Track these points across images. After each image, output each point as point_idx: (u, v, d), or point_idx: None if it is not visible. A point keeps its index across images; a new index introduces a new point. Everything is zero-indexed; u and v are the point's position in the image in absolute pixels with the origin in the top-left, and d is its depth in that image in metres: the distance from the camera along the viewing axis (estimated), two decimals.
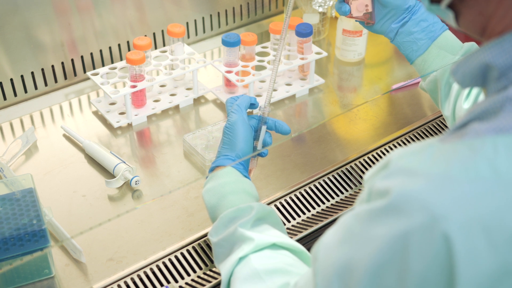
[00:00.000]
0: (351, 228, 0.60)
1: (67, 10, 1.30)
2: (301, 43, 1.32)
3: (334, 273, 0.60)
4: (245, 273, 0.80)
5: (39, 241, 0.90)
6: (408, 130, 1.25)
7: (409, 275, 0.54)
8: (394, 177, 0.57)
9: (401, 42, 1.08)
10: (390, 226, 0.55)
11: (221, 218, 0.87)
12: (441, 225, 0.52)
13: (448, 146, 0.56)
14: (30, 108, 1.31)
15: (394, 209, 0.55)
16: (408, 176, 0.55)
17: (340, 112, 1.33)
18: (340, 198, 1.11)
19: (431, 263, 0.53)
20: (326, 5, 1.46)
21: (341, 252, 0.60)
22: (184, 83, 1.36)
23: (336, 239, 0.62)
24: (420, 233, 0.53)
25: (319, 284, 0.62)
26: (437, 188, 0.53)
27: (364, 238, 0.58)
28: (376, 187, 0.58)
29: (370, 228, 0.57)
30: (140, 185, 1.11)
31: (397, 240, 0.54)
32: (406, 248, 0.54)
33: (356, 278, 0.58)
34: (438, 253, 0.52)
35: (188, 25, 1.49)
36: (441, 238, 0.52)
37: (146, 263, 0.97)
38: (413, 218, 0.53)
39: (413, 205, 0.54)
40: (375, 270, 0.56)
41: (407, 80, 1.40)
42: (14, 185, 0.99)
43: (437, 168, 0.55)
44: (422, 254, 0.53)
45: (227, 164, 0.93)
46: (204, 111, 1.31)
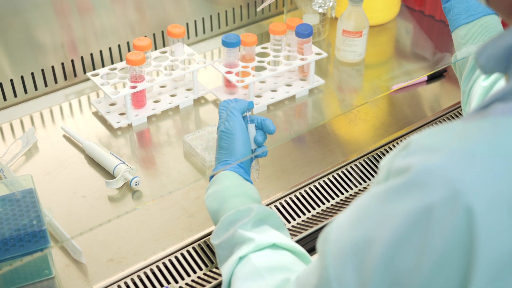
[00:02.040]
0: (368, 207, 0.59)
1: (67, 10, 1.30)
2: (301, 43, 1.32)
3: (348, 252, 0.59)
4: (245, 272, 0.79)
5: (39, 242, 0.90)
6: (408, 131, 1.25)
7: (428, 251, 0.53)
8: (415, 155, 0.56)
9: (453, 6, 1.07)
10: (411, 201, 0.54)
11: (221, 222, 0.87)
12: (464, 198, 0.51)
13: (471, 124, 0.56)
14: (30, 108, 1.31)
15: (415, 184, 0.54)
16: (430, 153, 0.54)
17: (340, 113, 1.33)
18: (340, 199, 1.11)
19: (451, 238, 0.52)
20: (326, 6, 1.46)
21: (357, 230, 0.59)
22: (184, 83, 1.36)
23: (350, 219, 0.61)
24: (442, 207, 0.52)
25: (331, 264, 0.61)
26: (460, 162, 0.53)
27: (382, 215, 0.57)
28: (396, 166, 0.57)
29: (389, 205, 0.56)
30: (140, 186, 1.11)
31: (419, 215, 0.54)
32: (428, 222, 0.53)
33: (372, 256, 0.57)
34: (459, 227, 0.52)
35: (188, 26, 1.49)
36: (464, 212, 0.51)
37: (146, 263, 0.97)
38: (436, 192, 0.53)
39: (436, 179, 0.53)
40: (393, 247, 0.55)
41: (407, 80, 1.40)
42: (14, 186, 0.99)
43: (461, 144, 0.54)
44: (443, 228, 0.52)
45: (229, 168, 0.93)
46: (204, 112, 1.31)
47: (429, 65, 1.47)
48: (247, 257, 0.81)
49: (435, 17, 1.61)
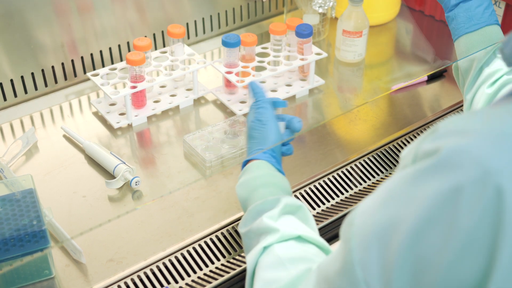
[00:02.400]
0: (394, 189, 0.59)
1: (67, 11, 1.30)
2: (301, 43, 1.32)
3: (373, 235, 0.59)
4: (268, 262, 0.80)
5: (39, 242, 0.90)
6: (408, 131, 1.25)
7: (455, 232, 0.53)
8: (444, 137, 0.56)
9: (457, 15, 1.09)
10: (440, 182, 0.54)
11: (249, 211, 0.87)
12: (494, 178, 0.51)
13: (500, 108, 0.56)
14: (30, 108, 1.31)
15: (444, 165, 0.54)
16: (460, 135, 0.55)
17: (340, 113, 1.33)
18: (341, 199, 1.11)
19: (480, 218, 0.52)
20: (326, 6, 1.46)
21: (382, 213, 0.59)
22: (184, 83, 1.36)
23: (376, 203, 0.61)
24: (472, 187, 0.52)
25: (355, 248, 0.61)
26: (490, 143, 0.53)
27: (410, 197, 0.57)
28: (424, 149, 0.57)
29: (416, 186, 0.56)
30: (140, 186, 1.11)
31: (448, 195, 0.54)
32: (457, 203, 0.53)
33: (398, 238, 0.57)
34: (488, 207, 0.52)
35: (188, 26, 1.49)
36: (494, 192, 0.51)
37: (146, 263, 0.97)
38: (466, 173, 0.53)
39: (466, 160, 0.53)
40: (420, 228, 0.55)
41: (407, 80, 1.40)
42: (14, 186, 0.99)
43: (490, 126, 0.54)
44: (472, 209, 0.52)
45: (261, 157, 0.93)
46: (204, 112, 1.31)
47: (429, 65, 1.47)
48: (271, 247, 0.81)
49: (435, 17, 1.61)
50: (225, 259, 0.99)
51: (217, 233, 1.02)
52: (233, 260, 0.99)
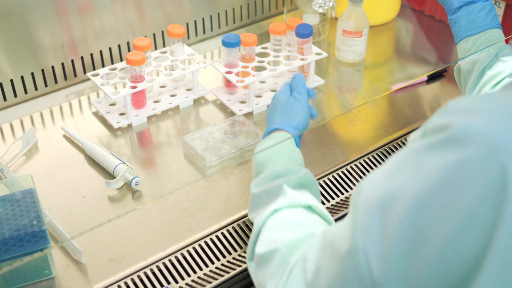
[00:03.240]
0: (401, 161, 0.61)
1: (67, 11, 1.30)
2: (301, 43, 1.32)
3: (376, 204, 0.61)
4: (275, 223, 0.82)
5: (39, 242, 0.90)
6: (408, 131, 1.25)
7: (457, 206, 0.55)
8: (455, 114, 0.58)
9: (460, 18, 1.10)
10: (447, 156, 0.56)
11: (268, 172, 0.90)
12: (500, 156, 0.53)
13: (510, 91, 0.58)
14: (30, 109, 1.31)
15: (453, 140, 0.56)
16: (470, 113, 0.56)
17: (340, 113, 1.33)
18: (340, 199, 1.11)
19: (484, 193, 0.53)
20: (326, 6, 1.46)
21: (388, 183, 0.61)
22: (184, 83, 1.36)
23: (383, 173, 0.62)
24: (478, 163, 0.54)
25: (359, 217, 0.62)
26: (500, 122, 0.54)
27: (415, 169, 0.58)
28: (433, 125, 0.59)
29: (424, 159, 0.58)
30: (140, 186, 1.11)
31: (453, 170, 0.55)
32: (461, 177, 0.55)
33: (400, 208, 0.58)
34: (492, 183, 0.53)
35: (188, 26, 1.49)
36: (498, 169, 0.53)
37: (146, 263, 0.97)
38: (473, 149, 0.54)
39: (474, 136, 0.54)
40: (423, 199, 0.57)
41: (407, 80, 1.40)
42: (14, 186, 0.99)
43: (500, 106, 0.56)
44: (476, 185, 0.54)
45: (290, 131, 0.98)
46: (204, 112, 1.31)
47: (429, 65, 1.47)
48: (281, 210, 0.84)
49: (435, 17, 1.61)
50: (225, 259, 0.99)
51: (217, 233, 1.02)
52: (233, 260, 0.99)
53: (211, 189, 1.11)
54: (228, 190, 1.10)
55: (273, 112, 1.02)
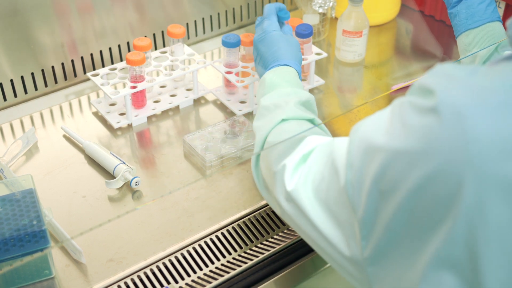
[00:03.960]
0: (393, 113, 0.68)
1: (67, 11, 1.30)
2: (301, 43, 1.32)
3: (365, 147, 0.69)
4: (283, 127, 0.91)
5: (39, 242, 0.90)
6: None
7: (426, 164, 0.60)
8: (437, 77, 0.63)
9: (459, 11, 1.11)
10: (428, 122, 0.61)
11: (280, 90, 1.00)
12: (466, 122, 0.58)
13: (494, 67, 0.62)
14: (30, 109, 1.31)
15: (433, 112, 0.61)
16: (451, 81, 0.61)
17: (340, 113, 1.33)
18: None
19: (449, 157, 0.59)
20: (326, 6, 1.46)
21: (377, 131, 0.68)
22: (184, 83, 1.36)
23: (379, 120, 0.70)
24: (445, 128, 0.59)
25: (351, 151, 0.71)
26: (475, 96, 0.59)
27: (399, 124, 0.65)
28: (418, 83, 0.65)
29: (408, 116, 0.64)
30: (140, 186, 1.11)
31: (427, 132, 0.61)
32: (432, 140, 0.60)
33: (378, 158, 0.66)
34: (457, 150, 0.58)
35: (188, 26, 1.49)
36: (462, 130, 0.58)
37: (146, 263, 0.97)
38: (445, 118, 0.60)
39: (449, 109, 0.60)
40: (397, 154, 0.64)
41: (407, 80, 1.40)
42: (14, 186, 0.99)
43: (479, 80, 0.61)
44: (444, 148, 0.59)
45: (293, 65, 1.07)
46: (204, 112, 1.31)
47: (429, 65, 1.47)
48: (288, 121, 0.92)
49: (435, 17, 1.61)
50: (225, 259, 0.99)
51: (217, 233, 1.02)
52: (233, 260, 0.99)
53: (211, 189, 1.11)
54: (228, 190, 1.10)
55: (273, 47, 1.08)
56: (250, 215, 1.06)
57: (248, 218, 1.05)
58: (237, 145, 1.17)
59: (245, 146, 1.17)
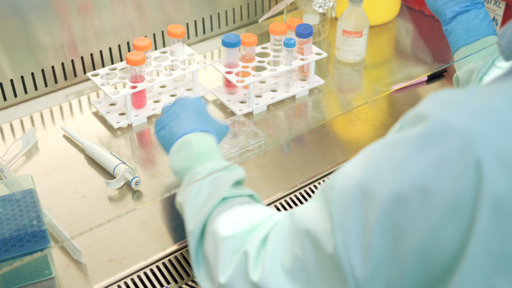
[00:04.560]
0: (379, 155, 0.60)
1: (67, 11, 1.30)
2: (301, 43, 1.32)
3: (354, 200, 0.60)
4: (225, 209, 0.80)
5: (39, 242, 0.90)
6: None
7: (435, 202, 0.55)
8: (433, 104, 0.58)
9: (455, 28, 1.10)
10: (426, 151, 0.56)
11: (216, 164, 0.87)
12: (475, 149, 0.53)
13: (493, 86, 0.58)
14: (30, 109, 1.31)
15: (429, 135, 0.56)
16: (448, 105, 0.57)
17: (340, 113, 1.33)
18: None
19: (460, 189, 0.54)
20: (326, 6, 1.46)
21: (365, 178, 0.60)
22: (184, 83, 1.36)
23: (358, 167, 0.62)
24: (453, 158, 0.54)
25: (336, 212, 0.62)
26: (477, 116, 0.54)
27: (393, 163, 0.58)
28: (411, 115, 0.59)
29: (401, 153, 0.58)
30: (140, 186, 1.11)
31: (431, 164, 0.55)
32: (438, 174, 0.55)
33: (378, 203, 0.58)
34: (468, 178, 0.53)
35: (188, 26, 1.49)
36: (474, 162, 0.53)
37: (146, 263, 0.97)
38: (449, 144, 0.54)
39: (451, 131, 0.55)
40: (400, 195, 0.57)
41: (407, 80, 1.40)
42: (14, 186, 0.99)
43: (479, 100, 0.56)
44: (453, 178, 0.54)
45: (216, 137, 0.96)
46: None
47: (429, 65, 1.47)
48: (228, 200, 0.81)
49: (435, 17, 1.61)
50: None
51: None
52: None
53: None
54: None
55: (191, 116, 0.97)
56: None
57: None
58: (237, 145, 1.17)
59: (245, 146, 1.17)
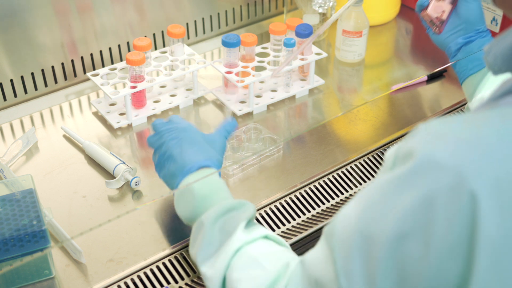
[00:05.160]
0: (372, 198, 0.60)
1: (67, 11, 1.30)
2: (301, 43, 1.32)
3: (354, 246, 0.60)
4: (243, 262, 0.79)
5: (39, 242, 0.90)
6: (408, 131, 1.25)
7: (433, 240, 0.54)
8: (420, 140, 0.56)
9: (460, 60, 1.10)
10: (415, 190, 0.55)
11: (221, 205, 0.85)
12: (468, 184, 0.52)
13: (480, 115, 0.56)
14: (30, 109, 1.31)
15: (418, 172, 0.55)
16: (436, 139, 0.55)
17: (340, 113, 1.33)
18: (340, 199, 1.11)
19: (456, 225, 0.52)
20: (326, 6, 1.46)
21: (362, 223, 0.59)
22: (184, 83, 1.36)
23: (355, 211, 0.61)
24: (446, 195, 0.53)
25: (339, 259, 0.62)
26: (465, 149, 0.53)
27: (386, 206, 0.57)
28: (402, 152, 0.58)
29: (392, 195, 0.57)
30: (140, 186, 1.11)
31: (422, 204, 0.54)
32: (431, 211, 0.53)
33: (378, 248, 0.57)
34: (463, 213, 0.52)
35: (188, 26, 1.49)
36: (468, 198, 0.52)
37: (146, 263, 0.97)
38: (439, 180, 0.53)
39: (439, 166, 0.53)
40: (399, 237, 0.56)
41: (407, 80, 1.40)
42: (14, 186, 0.99)
43: (466, 132, 0.54)
44: (447, 216, 0.53)
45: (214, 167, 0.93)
46: (204, 112, 1.31)
47: (429, 65, 1.47)
48: (243, 249, 0.81)
49: None
50: None
51: None
52: None
53: None
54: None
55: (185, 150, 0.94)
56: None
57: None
58: (255, 152, 1.16)
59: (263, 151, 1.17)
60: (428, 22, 1.12)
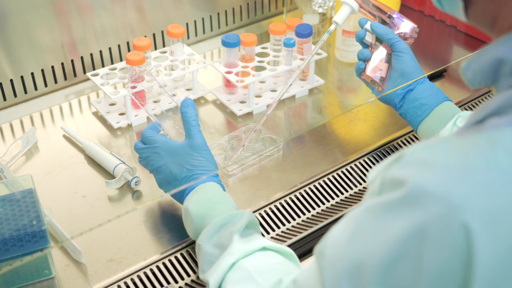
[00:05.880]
0: (362, 222, 0.59)
1: (67, 11, 1.30)
2: (301, 43, 1.32)
3: (343, 270, 0.59)
4: (237, 276, 0.81)
5: (39, 242, 0.90)
6: (408, 131, 1.25)
7: (424, 269, 0.53)
8: (409, 167, 0.56)
9: (407, 109, 1.12)
10: (405, 219, 0.54)
11: (213, 224, 0.88)
12: (460, 215, 0.51)
13: (466, 139, 0.56)
14: (30, 109, 1.31)
15: (409, 202, 0.54)
16: (424, 168, 0.55)
17: (340, 113, 1.33)
18: (340, 199, 1.11)
19: (448, 255, 0.52)
20: (326, 6, 1.46)
21: (351, 248, 0.59)
22: (184, 83, 1.36)
23: (345, 234, 0.61)
24: (437, 225, 0.52)
25: (328, 281, 0.62)
26: (455, 178, 0.53)
27: (376, 233, 0.57)
28: (389, 178, 0.57)
29: (382, 221, 0.56)
30: (140, 186, 1.11)
31: (413, 233, 0.54)
32: (422, 241, 0.53)
33: (368, 274, 0.57)
34: (456, 244, 0.52)
35: (188, 26, 1.49)
36: (461, 229, 0.51)
37: (146, 263, 0.97)
38: (430, 210, 0.53)
39: (430, 196, 0.53)
40: (389, 265, 0.55)
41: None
42: (14, 186, 0.99)
43: (455, 159, 0.54)
44: (439, 246, 0.52)
45: (210, 179, 0.97)
46: (204, 112, 1.31)
47: (429, 65, 1.47)
48: (239, 262, 0.82)
49: (435, 17, 1.62)
50: None
51: None
52: None
53: None
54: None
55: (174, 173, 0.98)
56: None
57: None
58: (255, 152, 1.16)
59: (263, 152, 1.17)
60: (370, 83, 1.16)
